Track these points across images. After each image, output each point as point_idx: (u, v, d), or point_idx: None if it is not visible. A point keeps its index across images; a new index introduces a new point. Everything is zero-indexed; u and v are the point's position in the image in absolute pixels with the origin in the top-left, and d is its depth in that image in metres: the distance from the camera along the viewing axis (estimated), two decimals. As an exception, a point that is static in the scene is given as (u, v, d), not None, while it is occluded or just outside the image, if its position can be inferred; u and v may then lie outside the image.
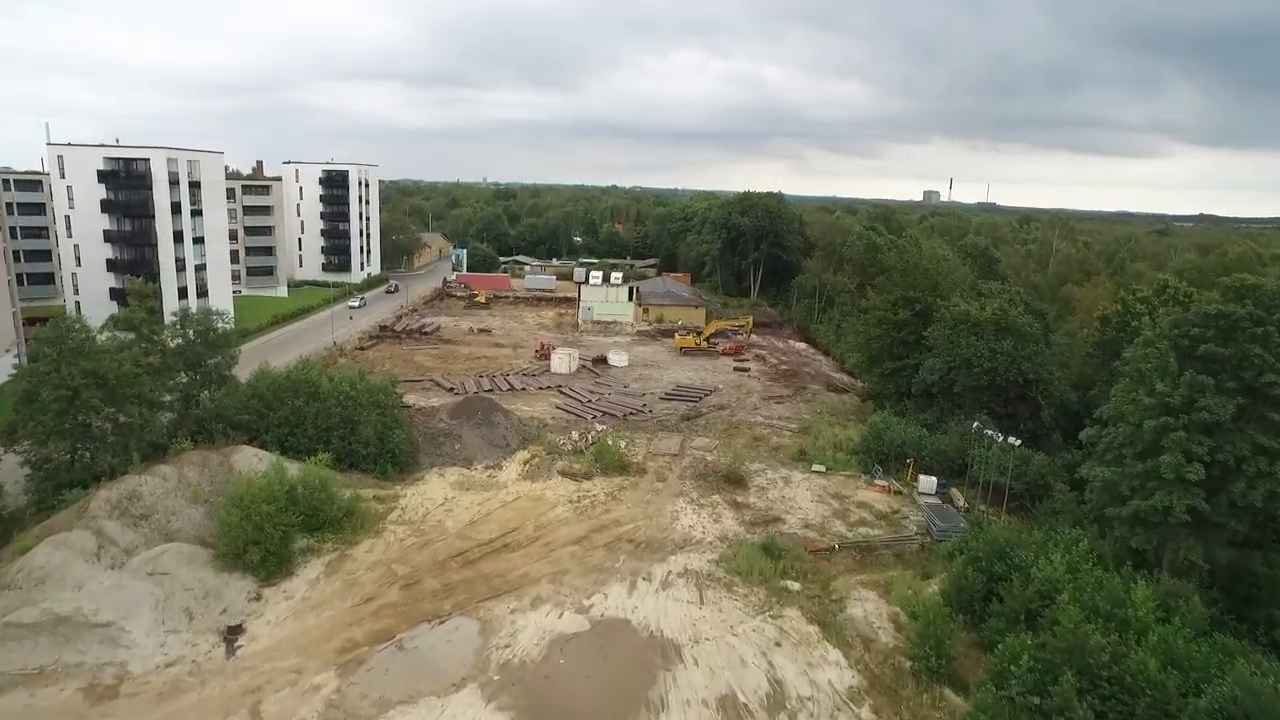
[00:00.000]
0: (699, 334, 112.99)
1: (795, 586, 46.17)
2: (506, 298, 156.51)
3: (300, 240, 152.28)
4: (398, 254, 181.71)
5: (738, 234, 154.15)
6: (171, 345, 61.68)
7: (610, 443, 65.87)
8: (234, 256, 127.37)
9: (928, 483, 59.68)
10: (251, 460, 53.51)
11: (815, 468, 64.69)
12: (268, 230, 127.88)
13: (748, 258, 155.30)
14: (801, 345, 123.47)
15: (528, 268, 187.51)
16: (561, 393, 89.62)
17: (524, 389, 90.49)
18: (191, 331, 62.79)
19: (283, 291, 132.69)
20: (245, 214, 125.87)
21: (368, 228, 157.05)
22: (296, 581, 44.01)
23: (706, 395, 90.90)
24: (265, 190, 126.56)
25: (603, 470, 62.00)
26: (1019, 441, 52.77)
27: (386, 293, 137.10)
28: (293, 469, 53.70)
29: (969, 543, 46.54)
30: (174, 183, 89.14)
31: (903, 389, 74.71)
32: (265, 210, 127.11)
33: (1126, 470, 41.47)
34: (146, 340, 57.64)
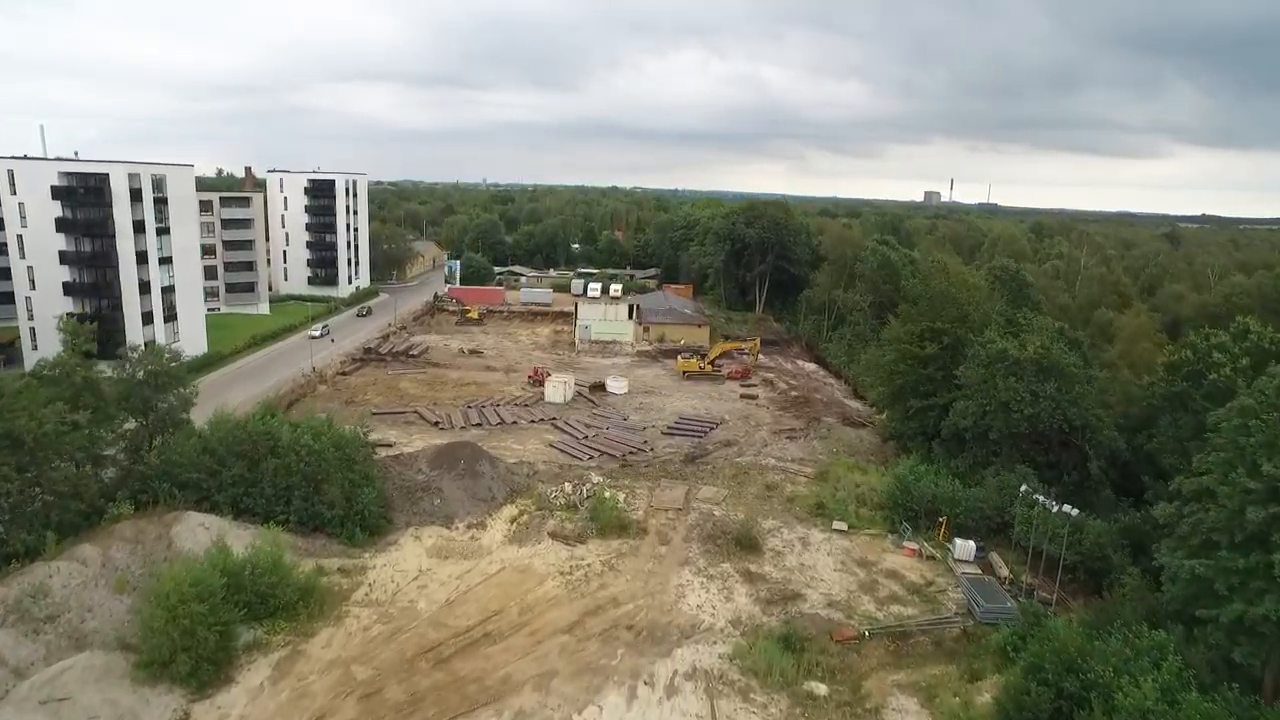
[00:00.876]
0: (703, 356, 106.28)
1: (822, 690, 39.46)
2: (501, 312, 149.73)
3: (285, 252, 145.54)
4: (389, 265, 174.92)
5: (742, 245, 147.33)
6: (115, 388, 55.13)
7: (607, 495, 59.16)
8: (212, 272, 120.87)
9: (965, 548, 52.94)
10: (196, 531, 46.79)
11: (836, 525, 57.92)
12: (248, 244, 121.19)
13: (753, 270, 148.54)
14: (811, 366, 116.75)
15: (523, 279, 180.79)
16: (556, 427, 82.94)
17: (515, 422, 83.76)
18: (140, 371, 56.13)
19: (264, 308, 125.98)
20: (224, 227, 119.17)
21: (356, 239, 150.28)
22: (235, 692, 37.22)
23: (712, 429, 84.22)
24: (245, 202, 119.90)
25: (599, 530, 55.26)
26: (1074, 510, 45.94)
27: (358, 316, 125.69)
28: (244, 539, 47.10)
29: (1024, 637, 39.92)
30: (137, 199, 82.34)
31: (929, 430, 68.00)
32: (245, 224, 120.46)
33: (1222, 564, 34.75)
34: (80, 389, 50.86)
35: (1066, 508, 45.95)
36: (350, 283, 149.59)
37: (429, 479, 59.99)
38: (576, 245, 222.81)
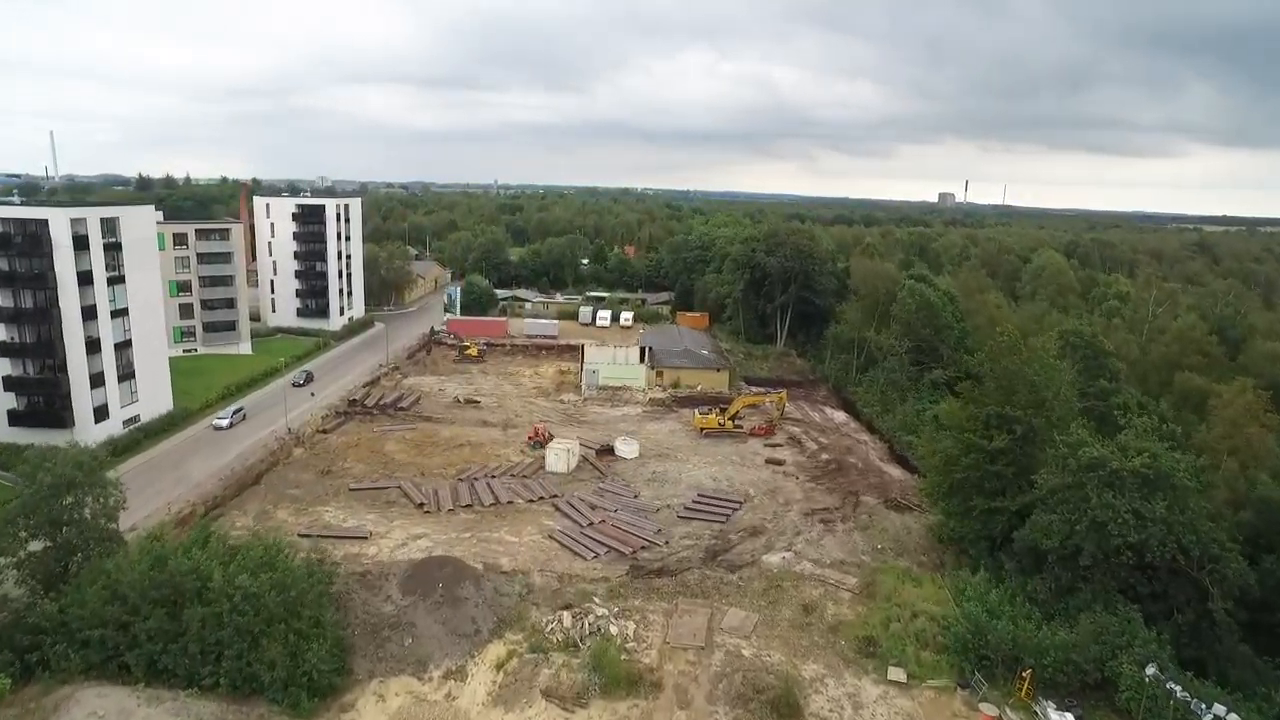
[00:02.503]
0: (722, 410, 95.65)
1: None
2: (502, 345, 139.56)
3: (272, 282, 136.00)
4: (385, 290, 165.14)
5: (762, 274, 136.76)
6: (16, 502, 45.43)
7: (614, 632, 48.82)
8: (188, 311, 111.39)
9: (1061, 721, 42.22)
10: (88, 722, 36.76)
11: (893, 674, 47.34)
12: (227, 280, 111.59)
13: (774, 301, 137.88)
14: (840, 416, 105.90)
15: (528, 305, 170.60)
16: (557, 508, 72.62)
17: (511, 502, 73.51)
18: (49, 477, 46.27)
19: (246, 348, 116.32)
20: (200, 263, 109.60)
21: (348, 266, 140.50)
22: None
23: (736, 509, 73.70)
24: (223, 235, 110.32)
25: (603, 686, 44.91)
26: (1227, 712, 35.16)
27: (294, 386, 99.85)
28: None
29: None
30: (83, 247, 72.61)
31: (995, 534, 57.32)
32: (224, 258, 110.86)
33: None
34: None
35: (1219, 706, 35.17)
36: (343, 314, 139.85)
37: (400, 610, 49.83)
38: (585, 260, 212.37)
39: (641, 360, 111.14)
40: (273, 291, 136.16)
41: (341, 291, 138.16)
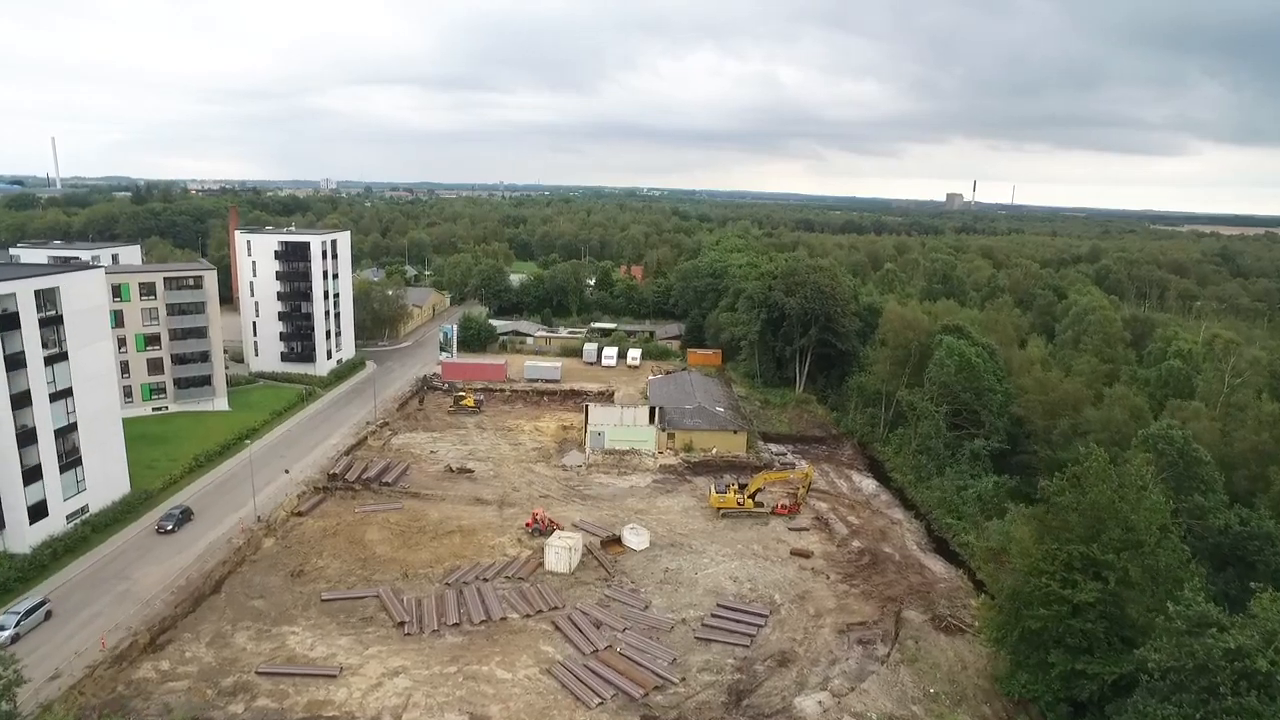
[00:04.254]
0: (741, 487, 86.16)
1: None
2: (501, 392, 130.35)
3: (255, 324, 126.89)
4: (378, 325, 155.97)
5: (780, 315, 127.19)
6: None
7: None
8: (157, 366, 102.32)
9: None
10: None
11: None
12: (200, 332, 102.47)
13: (793, 343, 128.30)
14: (870, 485, 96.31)
15: (529, 340, 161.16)
16: (557, 626, 63.28)
17: (505, 619, 64.18)
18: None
19: (222, 404, 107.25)
20: (170, 314, 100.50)
21: (335, 305, 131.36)
22: None
23: (761, 625, 64.28)
24: (196, 284, 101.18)
25: None
26: None
27: (158, 532, 74.06)
28: None
29: None
30: (12, 326, 63.48)
31: (1081, 698, 47.73)
32: (196, 309, 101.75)
33: None
34: None
35: None
36: (330, 357, 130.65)
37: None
38: (591, 283, 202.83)
39: (651, 421, 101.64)
40: (255, 334, 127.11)
41: (329, 333, 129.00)
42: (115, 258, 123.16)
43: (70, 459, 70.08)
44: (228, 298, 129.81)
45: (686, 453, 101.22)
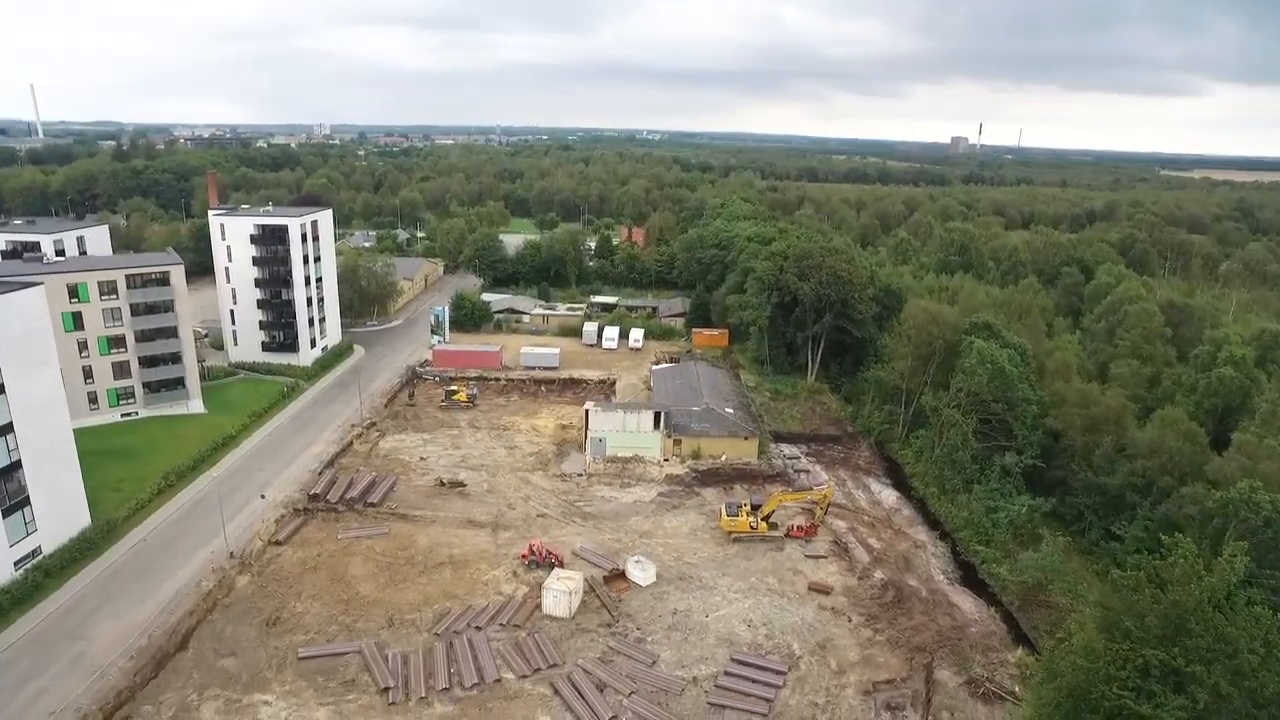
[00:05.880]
0: (754, 509, 79.85)
1: None
2: (496, 381, 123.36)
3: (233, 313, 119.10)
4: (366, 304, 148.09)
5: (793, 300, 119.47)
6: None
7: None
8: (123, 370, 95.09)
9: None
10: None
11: None
12: (169, 332, 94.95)
13: (805, 330, 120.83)
14: (890, 497, 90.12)
15: (526, 318, 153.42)
16: (556, 690, 57.56)
17: (499, 680, 58.43)
18: None
19: (197, 406, 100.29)
20: (135, 314, 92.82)
21: (319, 290, 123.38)
22: None
23: (779, 686, 58.55)
24: (162, 281, 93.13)
25: None
26: None
27: None
28: None
29: None
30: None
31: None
32: (163, 307, 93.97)
33: None
34: None
35: None
36: (314, 345, 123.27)
37: None
38: (590, 259, 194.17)
39: (656, 426, 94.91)
40: (233, 322, 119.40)
41: (312, 321, 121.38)
42: (80, 241, 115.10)
43: (16, 501, 63.56)
44: (213, 268, 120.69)
45: (694, 460, 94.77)
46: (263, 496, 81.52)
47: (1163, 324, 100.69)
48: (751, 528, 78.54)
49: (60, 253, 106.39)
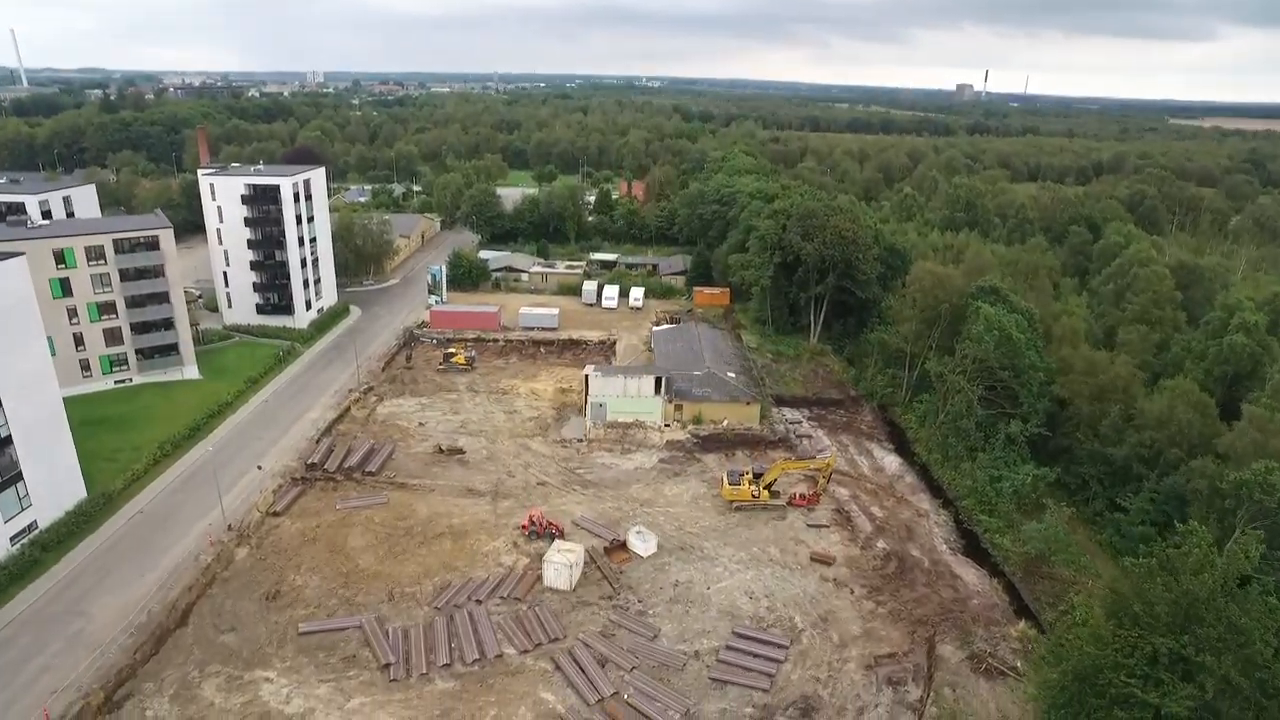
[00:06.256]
0: (756, 477, 79.18)
1: None
2: (494, 343, 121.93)
3: (226, 275, 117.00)
4: (362, 263, 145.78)
5: (796, 261, 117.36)
6: None
7: None
8: (115, 337, 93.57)
9: None
10: None
11: None
12: (160, 298, 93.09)
13: (808, 290, 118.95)
14: (893, 463, 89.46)
15: (525, 276, 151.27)
16: (558, 665, 57.45)
17: (500, 655, 58.29)
18: None
19: (192, 372, 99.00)
20: (124, 280, 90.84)
21: (313, 251, 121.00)
22: None
23: (781, 660, 58.50)
24: (150, 246, 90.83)
25: None
26: None
27: None
28: None
29: None
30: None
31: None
32: (154, 273, 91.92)
33: None
34: None
35: None
36: (310, 307, 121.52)
37: None
38: (589, 213, 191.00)
39: (657, 391, 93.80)
40: (227, 285, 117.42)
41: (307, 282, 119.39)
42: (67, 201, 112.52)
43: (8, 476, 62.70)
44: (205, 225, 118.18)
45: (695, 425, 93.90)
46: (259, 467, 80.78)
47: (1173, 287, 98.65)
48: (753, 496, 77.95)
49: (46, 214, 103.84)
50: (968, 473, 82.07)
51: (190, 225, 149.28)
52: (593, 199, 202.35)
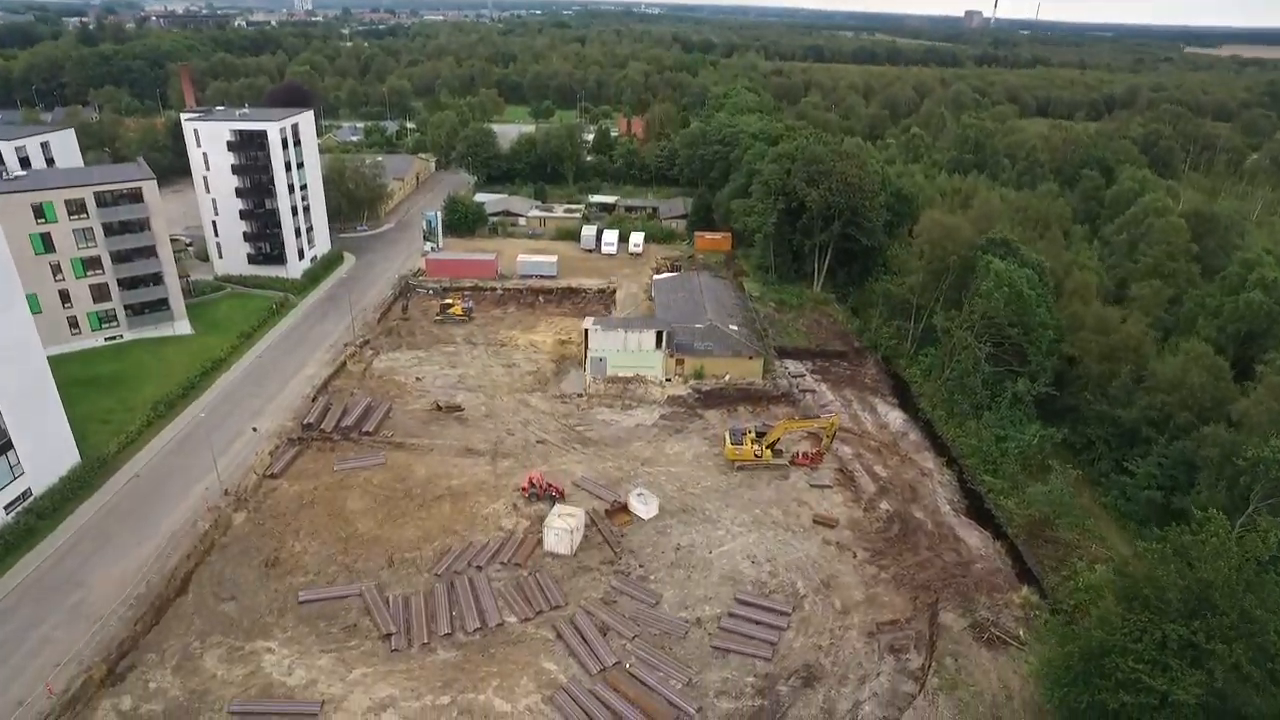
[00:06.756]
0: (759, 436, 78.21)
1: None
2: (492, 291, 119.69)
3: (215, 224, 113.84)
4: (355, 208, 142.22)
5: (800, 207, 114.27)
6: None
7: None
8: (102, 293, 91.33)
9: None
10: None
11: None
12: (148, 252, 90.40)
13: (812, 238, 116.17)
14: (897, 419, 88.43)
15: (522, 220, 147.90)
16: (559, 634, 57.38)
17: (502, 624, 58.20)
18: None
19: (184, 327, 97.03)
20: (108, 234, 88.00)
21: (304, 198, 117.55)
22: None
23: (784, 628, 58.49)
24: (134, 199, 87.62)
25: None
26: None
27: None
28: None
29: None
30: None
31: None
32: (139, 227, 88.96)
33: None
34: None
35: None
36: (303, 256, 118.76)
37: None
38: (588, 152, 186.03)
39: (658, 345, 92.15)
40: (216, 235, 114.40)
41: (299, 231, 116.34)
42: (46, 147, 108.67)
43: (-4, 445, 61.47)
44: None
45: (697, 379, 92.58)
46: (255, 429, 79.60)
47: (1188, 239, 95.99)
48: (756, 456, 77.12)
49: (24, 162, 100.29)
50: (973, 431, 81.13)
51: (178, 167, 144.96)
52: (591, 137, 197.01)
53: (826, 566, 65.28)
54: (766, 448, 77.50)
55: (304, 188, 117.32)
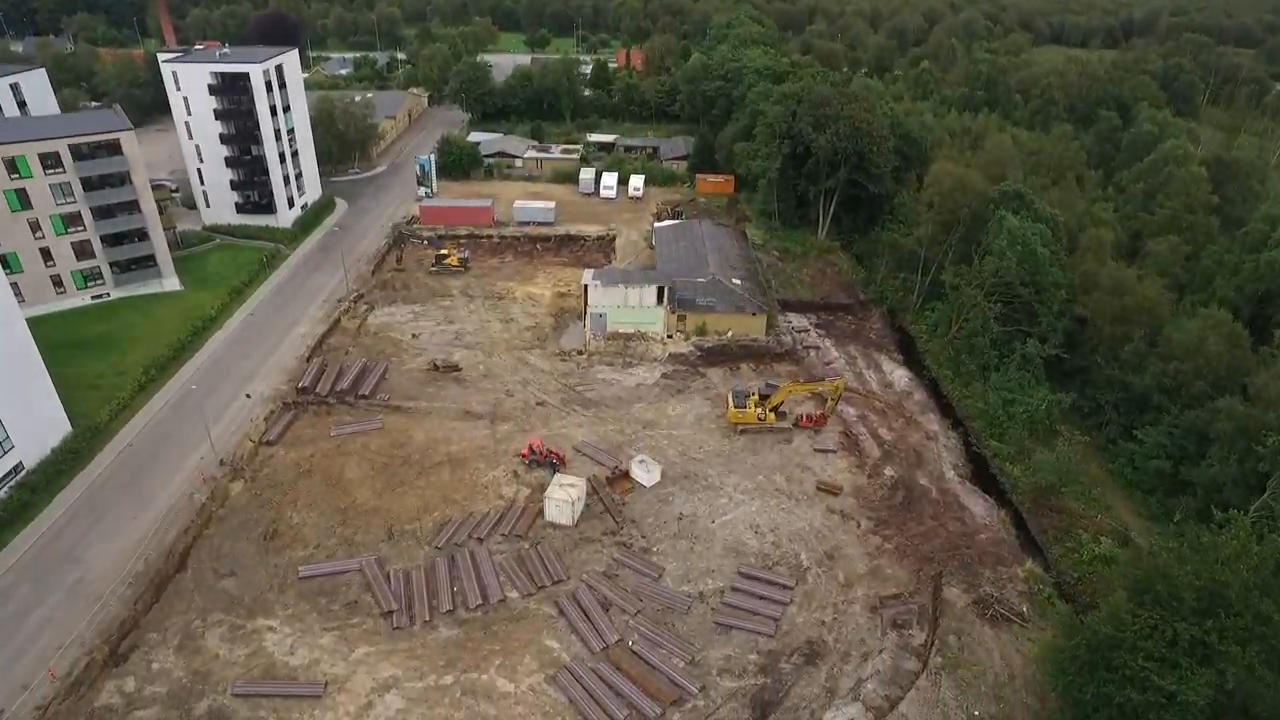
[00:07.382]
0: (763, 399, 76.83)
1: None
2: (489, 239, 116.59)
3: (200, 172, 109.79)
4: (346, 150, 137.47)
5: (806, 152, 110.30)
6: None
7: None
8: (85, 250, 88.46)
9: None
10: None
11: None
12: (130, 207, 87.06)
13: (818, 184, 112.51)
14: (902, 377, 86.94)
15: (519, 162, 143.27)
16: (561, 610, 57.18)
17: (504, 600, 57.98)
18: None
19: (173, 283, 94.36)
20: (87, 189, 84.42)
21: (292, 143, 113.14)
22: None
23: (786, 603, 58.33)
24: (112, 150, 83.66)
25: None
26: None
27: None
28: None
29: None
30: None
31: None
32: (119, 180, 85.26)
33: None
34: None
35: None
36: (293, 205, 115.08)
37: None
38: (585, 86, 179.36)
39: (659, 301, 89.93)
40: (202, 183, 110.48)
41: (288, 178, 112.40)
42: (16, 89, 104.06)
43: (-22, 423, 60.01)
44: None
45: (699, 336, 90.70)
46: (248, 396, 78.00)
47: (1208, 191, 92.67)
48: (759, 419, 75.94)
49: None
50: (979, 394, 79.87)
51: (161, 105, 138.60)
52: (589, 71, 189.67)
53: (830, 537, 64.79)
54: (770, 411, 76.25)
55: (291, 132, 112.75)
